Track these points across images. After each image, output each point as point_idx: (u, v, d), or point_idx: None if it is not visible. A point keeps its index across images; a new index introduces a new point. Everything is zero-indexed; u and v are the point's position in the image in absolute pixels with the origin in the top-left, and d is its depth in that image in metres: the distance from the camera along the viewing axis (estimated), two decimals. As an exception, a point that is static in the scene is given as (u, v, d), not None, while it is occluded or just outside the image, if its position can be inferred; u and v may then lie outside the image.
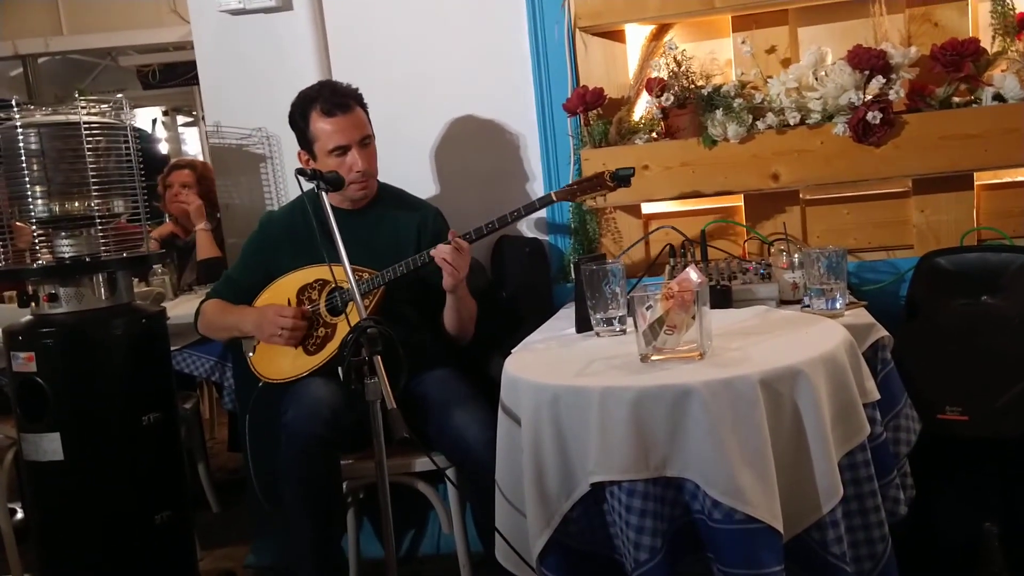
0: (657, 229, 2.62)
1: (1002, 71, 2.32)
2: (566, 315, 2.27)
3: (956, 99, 2.32)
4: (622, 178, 2.20)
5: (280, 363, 2.31)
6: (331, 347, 2.27)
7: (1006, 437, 1.96)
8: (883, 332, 1.92)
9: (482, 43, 2.70)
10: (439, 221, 2.47)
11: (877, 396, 1.73)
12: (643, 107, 2.59)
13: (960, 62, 2.28)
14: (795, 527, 1.52)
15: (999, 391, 2.00)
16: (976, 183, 2.43)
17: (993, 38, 2.33)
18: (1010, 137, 2.26)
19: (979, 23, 2.40)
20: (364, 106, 2.38)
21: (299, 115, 2.35)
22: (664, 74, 2.48)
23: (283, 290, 2.36)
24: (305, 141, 2.36)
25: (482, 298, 2.44)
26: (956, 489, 2.09)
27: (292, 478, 2.13)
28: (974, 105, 2.31)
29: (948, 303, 2.23)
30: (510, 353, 1.93)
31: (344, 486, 2.30)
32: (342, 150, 2.30)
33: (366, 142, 2.34)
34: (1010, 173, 2.43)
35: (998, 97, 2.29)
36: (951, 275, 2.29)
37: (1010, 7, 2.30)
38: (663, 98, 2.46)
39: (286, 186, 2.83)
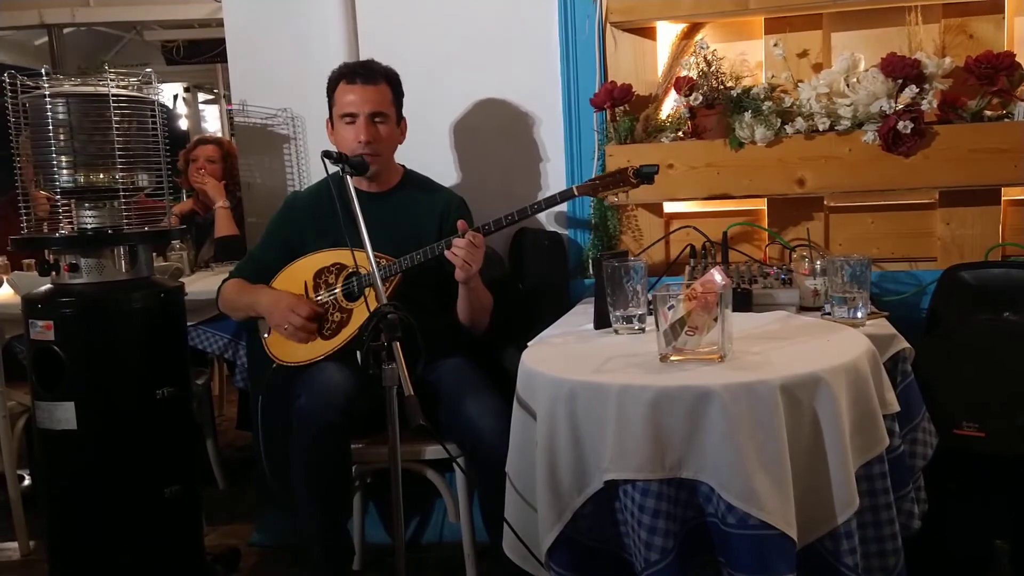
0: (679, 229, 2.61)
1: (1037, 87, 2.29)
2: (584, 310, 2.27)
3: (988, 112, 2.30)
4: (646, 175, 2.18)
5: (295, 346, 2.31)
6: (347, 332, 2.27)
7: (1022, 455, 1.94)
8: (904, 344, 1.91)
9: (512, 33, 2.69)
10: (462, 209, 2.46)
11: (897, 408, 1.72)
12: (671, 105, 2.57)
13: (994, 75, 2.26)
14: (809, 535, 1.52)
15: (1017, 409, 1.98)
16: (1003, 198, 2.41)
17: (1029, 52, 2.31)
18: (1042, 153, 2.24)
19: (1015, 37, 2.37)
20: (394, 87, 2.38)
21: (331, 81, 2.38)
22: (694, 73, 2.47)
23: (302, 271, 2.36)
24: (330, 108, 2.38)
25: (499, 289, 2.44)
26: (969, 506, 2.07)
27: (303, 462, 2.13)
28: (1006, 120, 2.28)
29: (970, 318, 2.21)
30: (526, 345, 1.93)
31: (353, 470, 2.30)
32: (351, 117, 2.31)
33: (379, 118, 2.33)
34: (1040, 189, 2.40)
35: (1031, 113, 2.27)
36: (974, 290, 2.27)
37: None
38: (691, 97, 2.44)
39: (309, 167, 2.83)
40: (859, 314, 1.99)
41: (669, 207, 2.65)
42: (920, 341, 2.07)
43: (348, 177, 2.04)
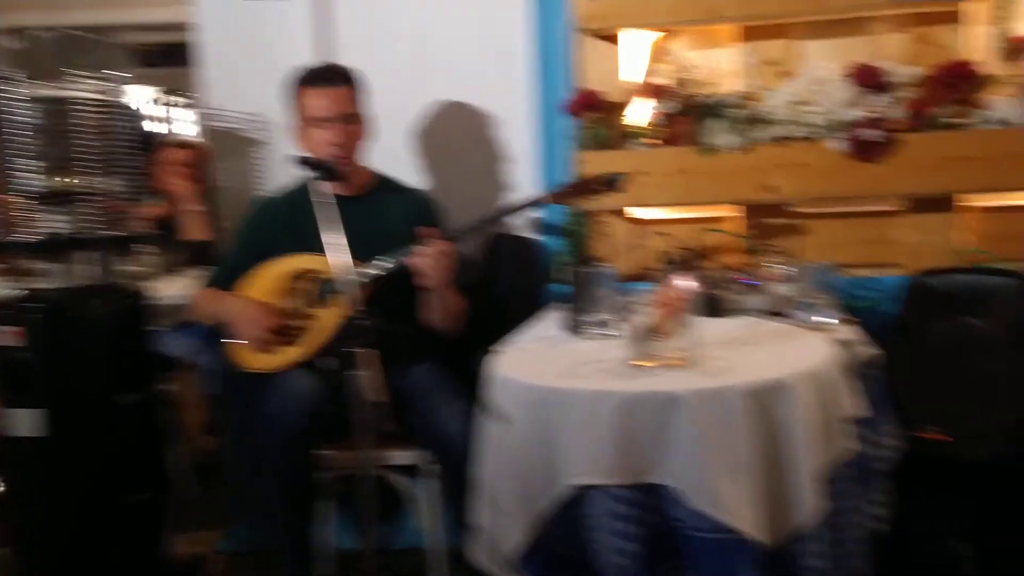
0: (651, 235, 2.62)
1: (1000, 95, 2.33)
2: (555, 316, 2.27)
3: (954, 120, 2.33)
4: (616, 183, 2.19)
5: (264, 352, 2.29)
6: (318, 338, 2.26)
7: (985, 459, 1.97)
8: (871, 349, 1.93)
9: (482, 39, 2.70)
10: (435, 211, 2.45)
11: (863, 413, 1.74)
12: (643, 112, 2.58)
13: (958, 84, 2.30)
14: (775, 539, 1.52)
15: (981, 413, 2.01)
16: (969, 205, 2.44)
17: (992, 61, 2.34)
18: (1005, 161, 2.27)
19: (979, 46, 2.41)
20: (356, 87, 2.37)
21: (290, 87, 2.36)
22: (666, 80, 2.48)
23: (274, 276, 2.34)
24: (294, 114, 2.36)
25: (473, 292, 2.43)
26: (933, 509, 2.09)
27: (272, 470, 2.12)
28: (971, 127, 2.32)
29: (936, 323, 2.24)
30: (497, 351, 1.93)
31: (321, 476, 2.29)
32: (323, 121, 2.30)
33: (349, 119, 2.33)
34: (1003, 197, 2.43)
35: (995, 121, 2.30)
36: (940, 295, 2.30)
37: (1009, 31, 2.31)
38: (664, 104, 2.46)
39: (281, 172, 2.81)
40: (827, 319, 2.01)
41: (642, 213, 2.66)
42: (887, 346, 2.10)
43: (320, 183, 2.03)
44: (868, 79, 2.30)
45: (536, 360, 1.86)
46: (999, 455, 1.96)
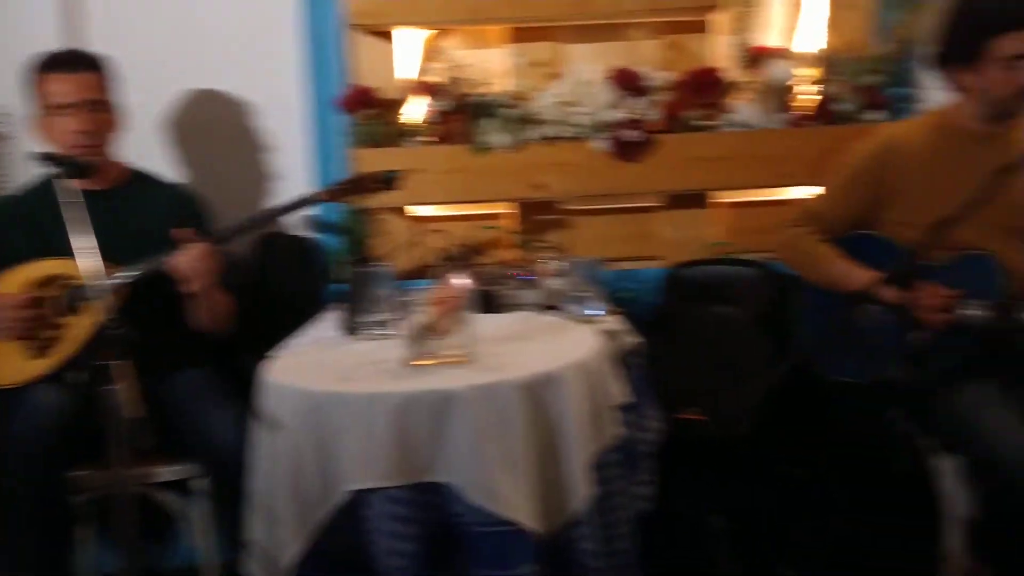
0: (428, 233, 2.63)
1: (742, 99, 2.54)
2: (331, 317, 2.22)
3: (703, 122, 2.52)
4: (390, 180, 2.17)
5: (4, 368, 2.07)
6: (65, 349, 2.07)
7: (737, 436, 2.15)
8: (635, 338, 2.04)
9: (249, 31, 2.58)
10: (198, 208, 2.32)
11: (627, 399, 1.84)
12: (417, 110, 2.58)
13: (705, 89, 2.49)
14: (549, 527, 1.58)
15: (732, 393, 2.19)
16: (717, 201, 2.65)
17: (734, 69, 2.55)
18: (746, 160, 2.49)
19: (723, 54, 2.62)
20: (104, 73, 2.19)
21: (30, 74, 2.16)
22: (438, 79, 2.50)
23: (15, 283, 2.12)
24: (34, 104, 2.16)
25: (244, 293, 2.33)
26: (692, 486, 2.26)
27: (18, 495, 1.92)
28: (717, 129, 2.52)
29: (691, 311, 2.42)
30: (271, 356, 1.86)
31: (76, 499, 2.11)
32: (64, 109, 2.12)
33: (94, 107, 2.15)
34: (747, 193, 2.67)
35: (738, 124, 2.51)
36: (694, 285, 2.49)
37: (749, 41, 2.53)
38: (437, 103, 2.47)
39: (24, 169, 2.55)
40: (594, 312, 2.11)
41: (419, 211, 2.66)
42: (649, 335, 2.24)
43: (65, 180, 1.85)
44: (627, 82, 2.43)
45: (312, 364, 1.81)
46: (749, 432, 2.14)
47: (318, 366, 1.78)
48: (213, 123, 2.62)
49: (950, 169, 2.03)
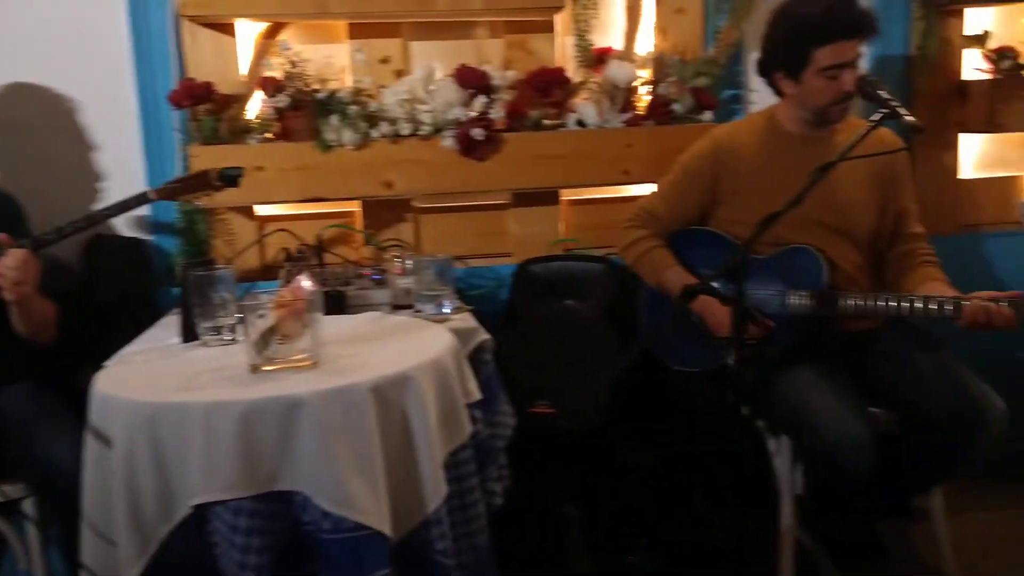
0: (272, 232, 2.55)
1: (584, 99, 2.61)
2: (171, 322, 2.12)
3: (547, 121, 2.57)
4: (229, 178, 2.09)
5: None
6: None
7: (586, 427, 2.21)
8: (485, 335, 2.06)
9: (75, 21, 2.42)
10: (13, 212, 2.16)
11: (479, 396, 1.85)
12: (257, 106, 2.50)
13: (549, 88, 2.53)
14: (403, 528, 1.57)
15: (580, 386, 2.24)
16: (563, 199, 2.71)
17: (576, 69, 2.62)
18: (589, 159, 2.55)
19: (565, 54, 2.67)
20: None
21: None
22: (278, 74, 2.42)
23: None
24: None
25: (68, 302, 2.18)
26: (546, 477, 2.31)
27: None
28: (561, 128, 2.57)
29: (540, 307, 2.47)
30: (103, 366, 1.76)
31: None
32: None
33: None
34: (589, 191, 2.74)
35: (581, 123, 2.58)
36: (542, 281, 2.54)
37: (590, 43, 2.60)
38: (277, 99, 2.40)
39: None
40: (445, 310, 2.12)
41: (262, 210, 2.58)
42: (499, 331, 2.26)
43: None
44: (472, 81, 2.44)
45: (149, 374, 1.72)
46: (598, 423, 2.20)
47: (154, 375, 1.69)
48: (31, 120, 2.44)
49: (777, 169, 2.16)
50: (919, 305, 1.95)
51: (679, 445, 2.34)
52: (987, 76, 2.77)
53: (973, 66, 2.83)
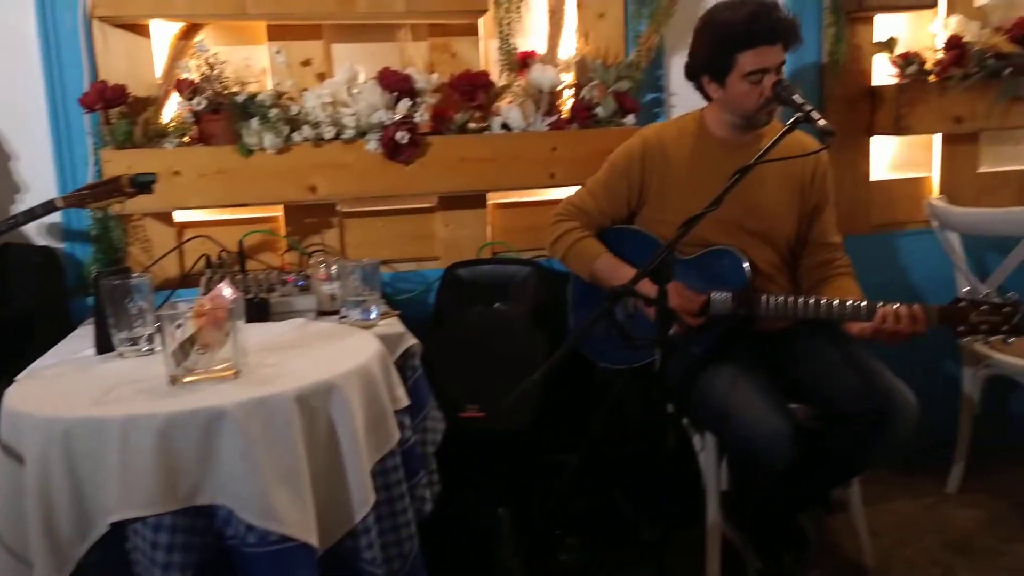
0: (191, 239, 2.49)
1: (508, 103, 2.61)
2: (86, 333, 2.05)
3: (472, 125, 2.56)
4: (142, 184, 2.03)
5: None
6: None
7: (515, 430, 2.21)
8: (413, 340, 2.05)
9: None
10: None
11: (407, 402, 1.84)
12: (174, 109, 2.44)
13: (474, 92, 2.53)
14: (330, 539, 1.55)
15: (508, 389, 2.25)
16: (489, 202, 2.72)
17: (500, 73, 2.62)
18: (514, 162, 2.56)
19: (490, 58, 2.68)
20: None
21: None
22: (195, 76, 2.36)
23: None
24: None
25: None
26: (477, 481, 2.30)
27: None
28: (486, 132, 2.57)
29: (468, 310, 2.46)
30: (14, 381, 1.69)
31: None
32: None
33: None
34: (516, 194, 2.75)
35: (506, 126, 2.58)
36: (470, 285, 2.53)
37: (514, 47, 2.61)
38: (195, 101, 2.34)
39: None
40: (371, 315, 2.10)
41: (180, 216, 2.52)
42: (428, 335, 2.25)
43: None
44: (395, 84, 2.42)
45: (62, 388, 1.65)
46: (525, 425, 2.21)
47: (68, 389, 1.63)
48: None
49: (702, 172, 2.20)
50: (836, 303, 2.02)
51: (607, 444, 2.36)
52: (895, 81, 2.88)
53: (882, 71, 2.93)
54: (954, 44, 2.83)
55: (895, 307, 1.93)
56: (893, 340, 1.94)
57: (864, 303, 1.99)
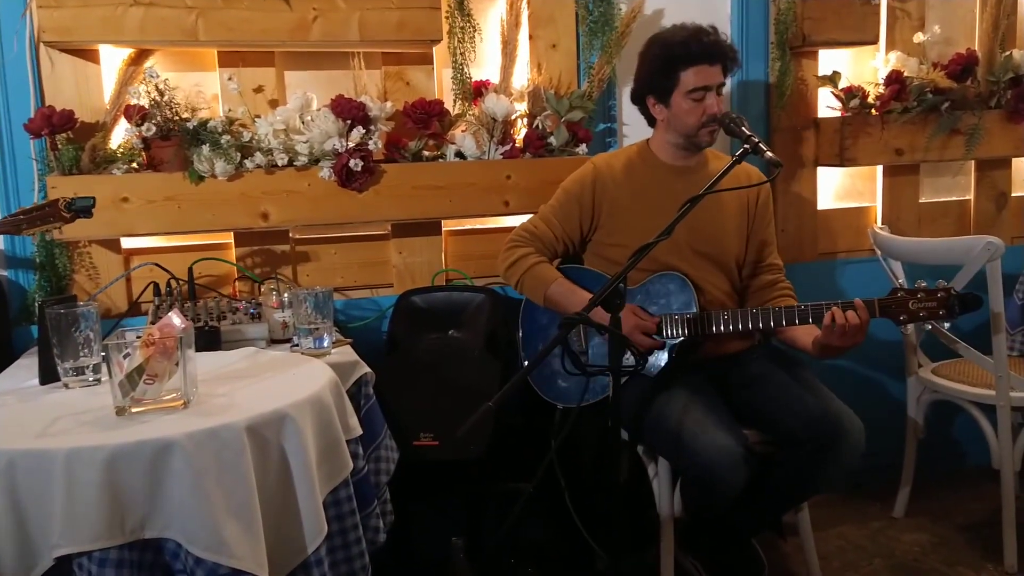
0: (140, 266, 2.45)
1: (462, 131, 2.63)
2: (29, 363, 2.00)
3: (426, 153, 2.57)
4: (81, 209, 1.97)
5: None
6: None
7: (469, 459, 2.20)
8: (366, 368, 2.04)
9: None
10: None
11: (360, 432, 1.82)
12: (122, 135, 2.40)
13: (428, 120, 2.54)
14: (281, 571, 1.53)
15: (463, 417, 2.24)
16: (444, 229, 2.72)
17: (455, 101, 2.64)
18: (469, 190, 2.57)
19: (443, 86, 2.69)
20: None
21: None
22: (145, 102, 2.34)
23: None
24: None
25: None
26: (431, 510, 2.29)
27: None
28: (440, 160, 2.58)
29: (422, 337, 2.45)
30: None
31: None
32: None
33: None
34: (470, 221, 2.76)
35: (460, 154, 2.60)
36: (424, 312, 2.53)
37: (468, 76, 2.63)
38: (144, 127, 2.31)
39: None
40: (324, 344, 2.08)
41: (128, 243, 2.47)
42: (381, 363, 2.24)
43: None
44: (349, 111, 2.42)
45: (5, 419, 1.61)
46: (479, 454, 2.20)
47: (12, 420, 1.58)
48: None
49: (650, 196, 2.26)
50: (784, 308, 2.13)
51: (561, 472, 2.36)
52: (838, 114, 2.96)
53: (826, 104, 3.02)
54: (894, 79, 2.93)
55: (837, 304, 2.02)
56: (845, 338, 2.01)
57: (809, 304, 2.09)
